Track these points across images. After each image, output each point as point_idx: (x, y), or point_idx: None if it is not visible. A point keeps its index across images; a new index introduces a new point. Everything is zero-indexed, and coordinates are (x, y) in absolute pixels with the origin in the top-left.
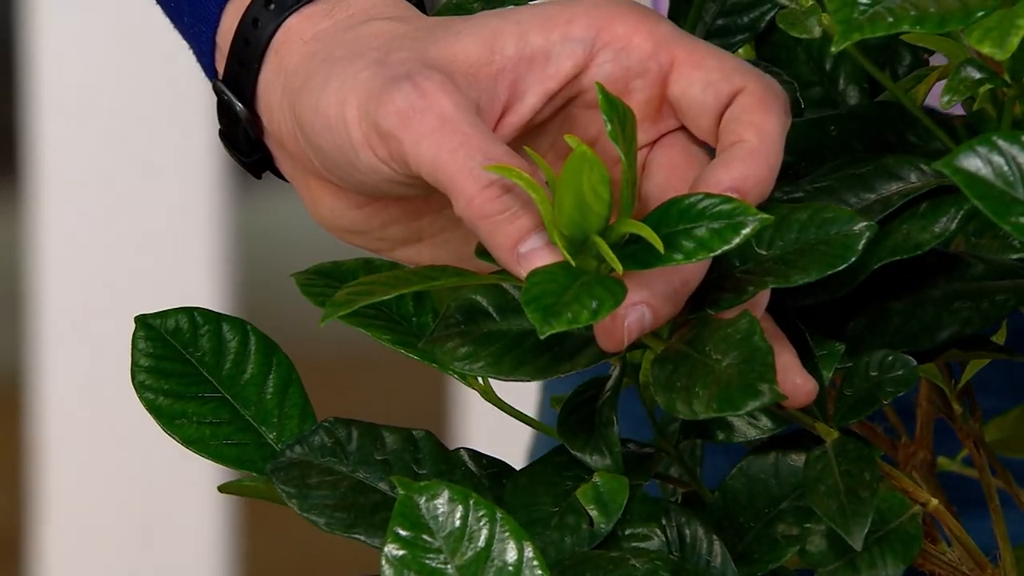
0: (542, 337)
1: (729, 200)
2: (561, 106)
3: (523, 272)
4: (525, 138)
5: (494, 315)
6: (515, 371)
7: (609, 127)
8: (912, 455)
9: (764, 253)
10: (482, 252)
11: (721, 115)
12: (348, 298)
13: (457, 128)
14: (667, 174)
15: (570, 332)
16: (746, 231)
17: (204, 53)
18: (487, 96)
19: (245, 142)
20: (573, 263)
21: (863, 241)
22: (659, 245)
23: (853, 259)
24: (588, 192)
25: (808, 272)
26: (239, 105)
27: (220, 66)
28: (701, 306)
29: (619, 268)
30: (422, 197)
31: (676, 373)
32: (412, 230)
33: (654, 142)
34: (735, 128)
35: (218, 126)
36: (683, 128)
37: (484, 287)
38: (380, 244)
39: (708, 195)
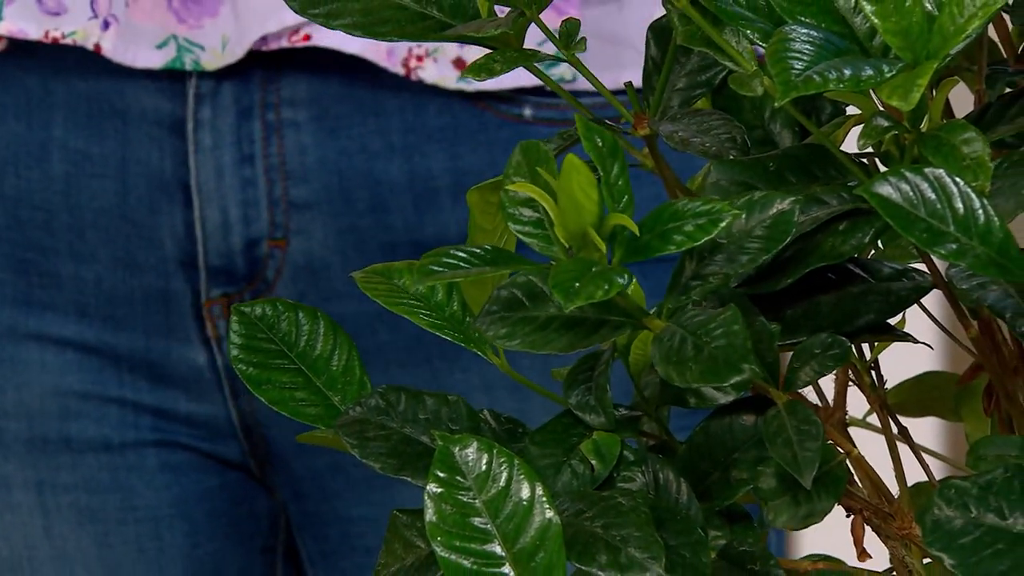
0: (566, 312)
1: (708, 201)
2: None
3: None
4: None
5: (527, 303)
6: (544, 347)
7: (586, 144)
8: (831, 416)
9: (723, 241)
10: None
11: None
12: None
13: None
14: None
15: (587, 317)
16: (723, 223)
17: None
18: None
19: None
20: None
21: (796, 214)
22: (635, 230)
23: (793, 230)
24: (579, 193)
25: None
26: None
27: None
28: (687, 294)
29: (603, 248)
30: None
31: (673, 349)
32: None
33: None
34: None
35: None
36: None
37: (519, 282)
38: None
39: (691, 200)
